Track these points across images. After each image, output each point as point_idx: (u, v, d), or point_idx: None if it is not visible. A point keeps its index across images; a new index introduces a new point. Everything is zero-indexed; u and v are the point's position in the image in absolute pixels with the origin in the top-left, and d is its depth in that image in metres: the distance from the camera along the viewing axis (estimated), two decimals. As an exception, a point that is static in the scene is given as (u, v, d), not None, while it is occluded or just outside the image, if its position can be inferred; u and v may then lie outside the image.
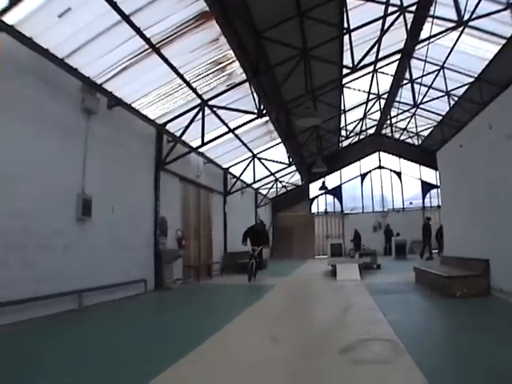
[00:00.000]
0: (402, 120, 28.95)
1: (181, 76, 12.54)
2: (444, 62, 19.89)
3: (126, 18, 9.57)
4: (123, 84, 11.65)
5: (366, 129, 30.25)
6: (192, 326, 7.53)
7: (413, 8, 14.20)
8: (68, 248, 9.67)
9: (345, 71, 15.09)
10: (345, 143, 32.67)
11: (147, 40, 10.51)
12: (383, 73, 22.28)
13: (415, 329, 6.76)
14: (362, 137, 32.21)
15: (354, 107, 25.00)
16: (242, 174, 23.42)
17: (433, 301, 9.66)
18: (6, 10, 6.84)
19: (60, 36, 9.20)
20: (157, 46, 10.91)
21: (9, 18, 7.97)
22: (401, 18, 13.21)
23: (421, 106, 24.19)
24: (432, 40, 15.45)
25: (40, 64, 9.13)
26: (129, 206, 12.37)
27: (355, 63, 13.05)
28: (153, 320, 9.02)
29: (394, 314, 7.90)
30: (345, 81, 20.20)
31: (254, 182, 25.30)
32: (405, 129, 30.89)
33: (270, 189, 30.97)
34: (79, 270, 9.90)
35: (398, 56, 19.19)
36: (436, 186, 31.97)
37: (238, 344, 6.31)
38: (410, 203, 35.21)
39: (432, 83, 21.68)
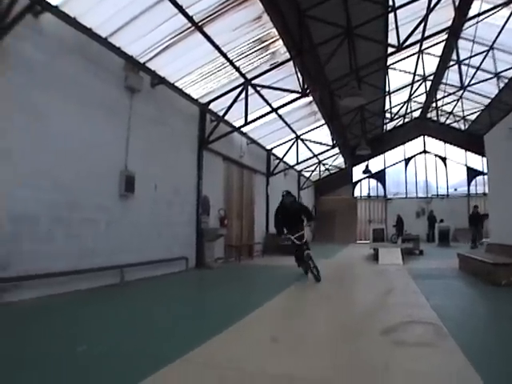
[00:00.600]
0: (448, 103, 27.62)
1: (224, 55, 12.29)
2: (493, 42, 18.80)
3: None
4: (166, 63, 11.55)
5: (411, 111, 29.08)
6: (231, 302, 7.48)
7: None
8: (111, 223, 9.71)
9: (390, 50, 14.63)
10: (389, 126, 31.64)
11: (190, 18, 10.32)
12: (429, 54, 21.28)
13: (459, 314, 6.58)
14: (406, 120, 30.95)
15: (398, 89, 24.08)
16: (285, 155, 23.12)
17: (477, 288, 9.29)
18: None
19: (103, 15, 9.18)
20: (199, 24, 10.71)
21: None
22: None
23: (468, 88, 23.09)
24: (481, 18, 14.81)
25: (84, 43, 9.14)
26: (172, 183, 12.35)
27: (400, 42, 12.56)
28: (193, 296, 9.08)
29: (437, 298, 7.67)
30: (389, 61, 19.47)
31: (297, 163, 24.95)
32: (451, 112, 29.34)
33: (312, 171, 30.58)
34: (121, 246, 9.94)
35: (444, 36, 18.30)
36: (482, 173, 30.56)
37: (278, 321, 6.33)
38: (455, 190, 34.00)
39: (480, 64, 20.51)
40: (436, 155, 34.82)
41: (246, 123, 14.58)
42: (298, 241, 10.50)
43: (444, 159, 34.56)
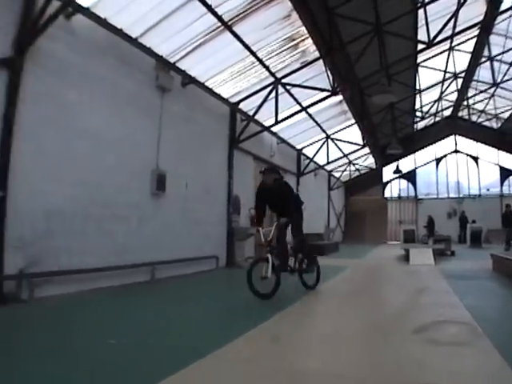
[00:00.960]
0: (480, 101, 26.72)
1: (253, 53, 12.21)
2: None
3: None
4: (196, 62, 11.51)
5: (442, 110, 28.57)
6: (262, 300, 7.38)
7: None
8: (142, 221, 9.73)
9: (420, 47, 14.38)
10: (420, 126, 30.88)
11: (219, 17, 10.27)
12: (460, 50, 20.58)
13: (494, 315, 6.39)
14: (437, 119, 30.33)
15: (429, 87, 23.38)
16: (315, 155, 22.95)
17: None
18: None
19: (133, 16, 9.17)
20: (229, 23, 10.65)
21: (84, 1, 8.01)
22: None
23: (500, 85, 22.46)
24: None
25: (115, 43, 9.18)
26: (202, 182, 12.33)
27: (431, 38, 12.28)
28: (224, 293, 9.07)
29: (471, 298, 7.43)
30: (420, 59, 19.00)
31: (328, 163, 24.73)
32: (482, 111, 28.39)
33: (343, 171, 30.27)
34: (153, 243, 9.95)
35: (476, 32, 17.83)
36: None
37: (309, 318, 6.30)
38: (487, 190, 33.00)
39: None
40: (467, 155, 33.84)
41: (277, 122, 14.46)
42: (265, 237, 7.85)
43: (476, 159, 33.52)
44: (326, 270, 11.09)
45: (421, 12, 12.96)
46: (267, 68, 13.29)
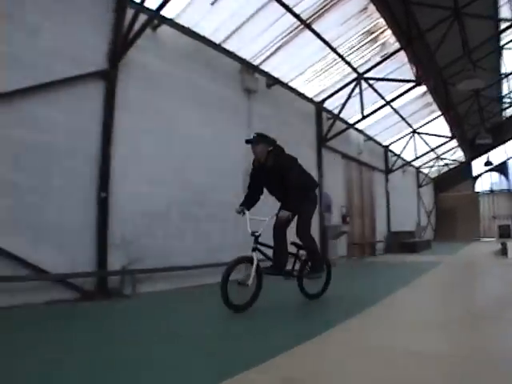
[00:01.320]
0: None
1: (334, 50, 11.92)
2: None
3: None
4: (279, 63, 11.42)
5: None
6: (361, 291, 7.24)
7: None
8: (237, 220, 9.77)
9: (503, 26, 13.61)
10: (509, 113, 27.82)
11: (297, 16, 10.12)
12: None
13: None
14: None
15: None
16: (402, 151, 22.14)
17: None
18: (162, 6, 7.05)
19: (214, 23, 9.31)
20: (307, 21, 10.45)
21: (167, 13, 8.21)
22: None
23: None
24: None
25: (200, 50, 9.33)
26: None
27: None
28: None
29: None
30: (503, 41, 17.97)
31: (416, 158, 23.80)
32: None
33: (431, 167, 28.97)
34: (248, 242, 9.95)
35: None
36: None
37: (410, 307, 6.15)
38: None
39: None
40: None
41: (363, 118, 14.07)
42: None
43: None
44: (419, 266, 10.83)
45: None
46: (349, 64, 12.90)
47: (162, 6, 7.04)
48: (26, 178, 5.90)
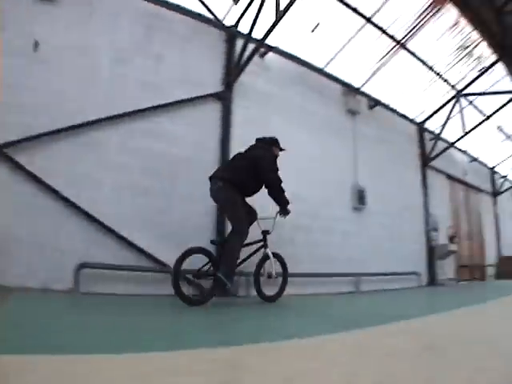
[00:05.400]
0: None
1: (431, 68, 11.94)
2: None
3: (368, 20, 9.82)
4: (379, 85, 11.58)
5: None
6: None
7: None
8: (345, 233, 10.03)
9: None
10: None
11: (392, 37, 10.41)
12: None
13: None
14: None
15: None
16: (510, 173, 21.29)
17: None
18: (266, 36, 7.71)
19: (316, 48, 9.92)
20: (402, 41, 10.66)
21: (272, 41, 8.97)
22: None
23: None
24: None
25: (305, 74, 9.97)
26: (399, 200, 12.03)
27: None
28: (435, 299, 8.89)
29: None
30: None
31: (526, 179, 22.45)
32: None
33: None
34: (356, 255, 10.07)
35: None
36: None
37: None
38: None
39: None
40: None
41: (464, 134, 13.67)
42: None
43: None
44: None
45: None
46: (446, 81, 12.72)
47: (266, 36, 7.64)
48: (155, 183, 6.83)
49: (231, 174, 5.80)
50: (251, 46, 7.89)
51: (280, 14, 7.29)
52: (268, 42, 8.46)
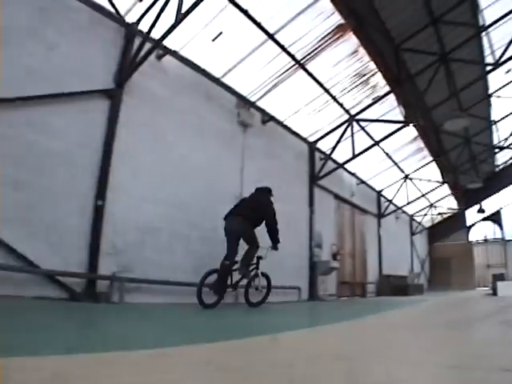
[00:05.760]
0: None
1: (327, 91, 12.56)
2: None
3: (271, 36, 10.08)
4: (274, 101, 12.00)
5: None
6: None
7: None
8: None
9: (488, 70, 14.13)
10: (501, 164, 28.65)
11: (292, 56, 10.86)
12: None
13: None
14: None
15: (506, 116, 21.23)
16: (394, 196, 22.55)
17: None
18: (164, 37, 7.71)
19: (215, 58, 10.04)
20: (301, 61, 11.17)
21: (172, 45, 9.04)
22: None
23: None
24: None
25: (200, 82, 10.04)
26: (285, 215, 12.40)
27: (496, 58, 12.11)
28: (307, 312, 9.13)
29: None
30: (491, 89, 18.50)
31: (407, 203, 24.13)
32: None
33: (424, 215, 29.38)
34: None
35: None
36: None
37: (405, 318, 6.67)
38: None
39: None
40: None
41: (353, 157, 14.49)
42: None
43: None
44: (407, 301, 11.11)
45: (487, 37, 12.87)
46: (341, 105, 13.52)
47: (164, 37, 7.68)
48: (29, 177, 6.36)
49: (246, 213, 8.25)
50: (149, 46, 7.93)
51: (180, 17, 7.39)
52: (168, 45, 8.77)
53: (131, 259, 7.63)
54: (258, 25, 9.69)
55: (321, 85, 12.23)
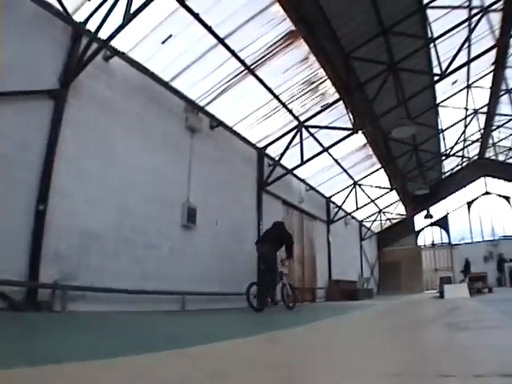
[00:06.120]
0: (505, 138, 26.77)
1: (277, 97, 12.77)
2: None
3: (221, 41, 10.13)
4: (224, 106, 12.13)
5: (469, 156, 28.73)
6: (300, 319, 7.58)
7: (497, 5, 12.80)
8: (173, 251, 10.01)
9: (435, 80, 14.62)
10: (448, 171, 30.56)
11: (242, 61, 10.97)
12: (478, 87, 20.40)
13: None
14: (465, 163, 30.13)
15: (452, 125, 22.81)
16: (343, 202, 23.00)
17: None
18: (111, 38, 7.57)
19: (164, 61, 10.02)
20: (251, 67, 11.31)
21: (120, 46, 8.93)
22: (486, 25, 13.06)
23: None
24: None
25: (149, 85, 9.99)
26: (232, 220, 12.58)
27: (443, 69, 12.61)
28: (257, 320, 9.05)
29: (504, 308, 7.60)
30: (439, 99, 19.19)
31: (356, 209, 24.53)
32: (510, 148, 28.24)
33: (373, 221, 30.23)
34: (183, 274, 10.14)
35: (491, 68, 18.35)
36: None
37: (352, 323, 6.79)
38: None
39: None
40: (499, 195, 32.93)
41: (302, 163, 14.70)
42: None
43: (508, 198, 32.55)
44: (357, 305, 11.23)
45: (437, 47, 13.46)
46: (290, 111, 13.78)
47: (111, 37, 7.64)
48: None
49: (272, 240, 11.00)
50: (97, 46, 7.82)
51: (129, 17, 7.36)
52: (117, 46, 8.72)
53: (75, 266, 7.51)
54: (209, 29, 9.73)
55: (270, 91, 12.43)
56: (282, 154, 14.56)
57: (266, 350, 3.48)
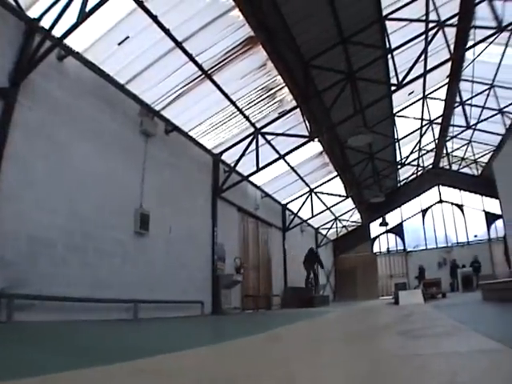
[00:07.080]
0: (458, 148, 28.10)
1: (233, 103, 12.87)
2: (493, 80, 19.30)
3: (178, 44, 10.15)
4: (179, 111, 12.15)
5: (423, 165, 29.90)
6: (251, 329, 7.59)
7: (452, 21, 13.81)
8: (125, 258, 9.87)
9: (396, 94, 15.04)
10: (403, 180, 31.78)
11: (199, 66, 11.01)
12: (433, 98, 21.51)
13: (475, 318, 6.71)
14: (420, 172, 31.17)
15: (408, 135, 23.87)
16: (299, 209, 23.20)
17: (496, 306, 9.22)
18: (65, 36, 7.45)
19: (120, 63, 9.96)
20: (209, 72, 11.36)
21: (75, 46, 8.79)
22: (442, 39, 13.50)
23: (476, 131, 23.88)
24: (476, 56, 15.76)
25: (103, 87, 9.87)
26: (186, 227, 12.53)
27: (400, 80, 13.05)
28: (211, 327, 8.99)
29: (456, 314, 7.82)
30: (396, 109, 19.94)
31: (312, 216, 24.77)
32: (463, 158, 29.55)
33: (329, 229, 30.56)
34: (135, 282, 10.02)
35: (445, 80, 19.24)
36: (501, 217, 29.80)
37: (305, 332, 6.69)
38: (475, 236, 32.90)
39: (484, 103, 20.93)
40: (452, 203, 34.21)
41: (257, 170, 14.84)
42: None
43: (461, 206, 33.83)
44: (314, 312, 11.32)
45: (394, 58, 13.91)
46: (247, 118, 13.92)
47: (65, 35, 7.58)
48: None
49: (312, 259, 21.84)
50: (50, 44, 7.72)
51: (84, 15, 7.29)
52: (71, 46, 8.59)
53: (23, 273, 7.29)
54: (167, 32, 9.74)
55: (227, 96, 12.52)
56: (238, 161, 14.63)
57: (208, 364, 3.44)
